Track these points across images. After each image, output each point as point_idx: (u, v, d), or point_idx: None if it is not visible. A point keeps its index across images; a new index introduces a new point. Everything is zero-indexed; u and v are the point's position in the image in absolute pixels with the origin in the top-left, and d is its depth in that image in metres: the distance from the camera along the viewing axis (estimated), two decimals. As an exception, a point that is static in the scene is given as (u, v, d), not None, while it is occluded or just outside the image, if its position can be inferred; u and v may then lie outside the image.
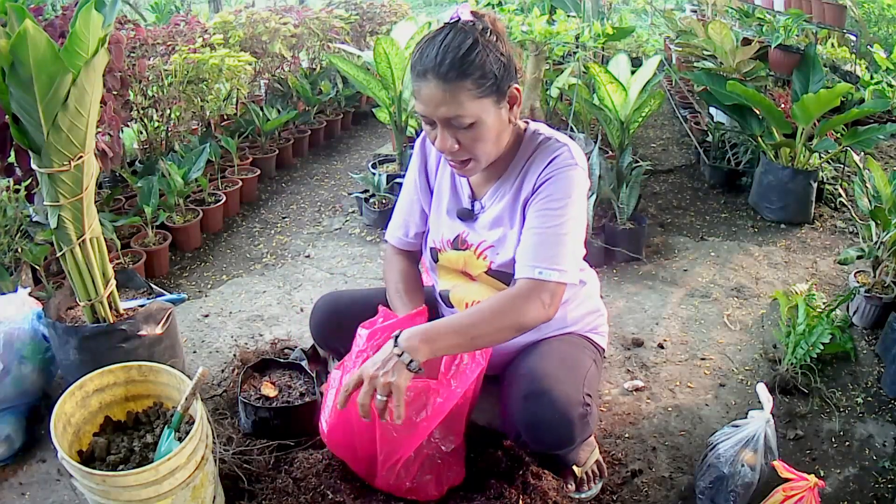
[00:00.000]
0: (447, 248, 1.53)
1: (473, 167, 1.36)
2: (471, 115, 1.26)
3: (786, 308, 2.17)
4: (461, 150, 1.31)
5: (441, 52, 1.23)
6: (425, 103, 1.27)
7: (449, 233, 1.52)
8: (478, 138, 1.29)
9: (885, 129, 3.06)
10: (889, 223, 2.31)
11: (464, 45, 1.23)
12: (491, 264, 1.47)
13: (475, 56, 1.23)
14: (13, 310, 1.86)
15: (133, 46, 3.09)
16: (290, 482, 1.55)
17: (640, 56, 5.45)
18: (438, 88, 1.24)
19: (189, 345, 2.31)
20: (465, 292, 1.55)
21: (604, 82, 2.84)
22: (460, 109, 1.24)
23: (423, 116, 1.30)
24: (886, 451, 1.83)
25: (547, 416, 1.35)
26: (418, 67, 1.27)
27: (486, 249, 1.47)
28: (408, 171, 1.62)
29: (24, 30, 1.34)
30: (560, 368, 1.44)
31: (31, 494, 1.69)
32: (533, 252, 1.34)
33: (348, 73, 3.31)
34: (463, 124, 1.27)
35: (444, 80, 1.23)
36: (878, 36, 5.73)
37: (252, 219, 3.41)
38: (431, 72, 1.24)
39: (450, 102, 1.24)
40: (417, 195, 1.60)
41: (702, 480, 1.63)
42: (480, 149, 1.31)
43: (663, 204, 3.53)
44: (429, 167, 1.58)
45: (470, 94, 1.24)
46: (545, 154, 1.40)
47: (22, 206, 2.20)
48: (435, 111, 1.26)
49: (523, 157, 1.43)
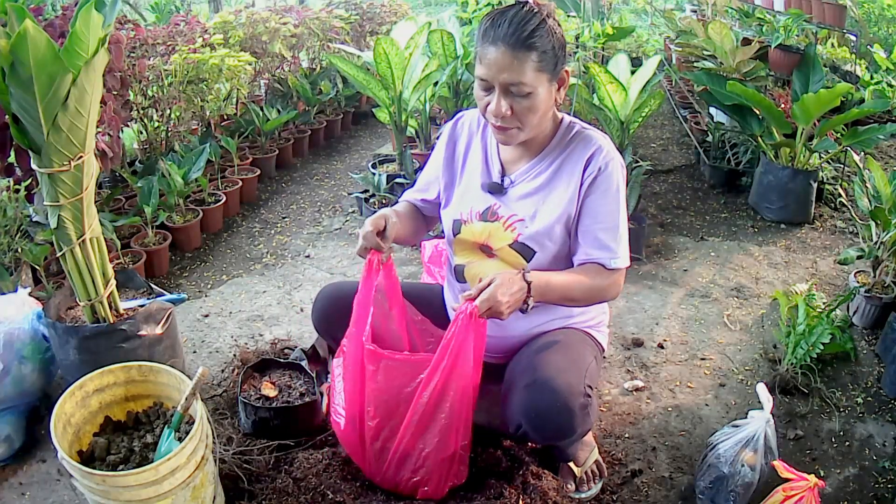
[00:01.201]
0: (475, 219, 1.58)
1: (516, 135, 1.44)
2: (530, 84, 1.36)
3: (786, 308, 2.17)
4: (512, 117, 1.40)
5: (514, 23, 1.35)
6: (490, 67, 1.36)
7: (480, 205, 1.58)
8: (531, 108, 1.39)
9: (885, 129, 3.06)
10: (889, 223, 2.31)
11: (532, 22, 1.35)
12: (518, 236, 1.53)
13: (542, 33, 1.36)
14: (13, 310, 1.86)
15: (133, 46, 3.09)
16: (290, 482, 1.55)
17: (640, 56, 5.46)
18: (506, 55, 1.34)
19: (189, 345, 2.31)
20: (481, 268, 1.60)
21: (604, 82, 2.84)
22: (522, 76, 1.35)
23: (482, 80, 1.40)
24: (886, 451, 1.83)
25: (549, 404, 1.38)
26: (490, 34, 1.37)
27: (517, 222, 1.53)
28: (434, 151, 1.71)
29: (24, 30, 1.34)
30: (562, 360, 1.47)
31: (31, 494, 1.69)
32: (603, 243, 1.49)
33: (348, 73, 3.31)
34: (522, 92, 1.37)
35: (514, 49, 1.34)
36: (878, 36, 5.73)
37: (252, 219, 3.41)
38: (502, 40, 1.34)
39: (515, 69, 1.34)
40: (440, 171, 1.67)
41: (702, 480, 1.63)
42: (530, 118, 1.41)
43: (663, 204, 3.53)
44: (457, 151, 1.65)
45: (533, 66, 1.35)
46: (586, 145, 1.50)
47: (22, 206, 2.20)
48: (498, 75, 1.36)
49: (561, 143, 1.53)
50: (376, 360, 1.43)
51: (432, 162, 1.71)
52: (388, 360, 1.43)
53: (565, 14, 4.60)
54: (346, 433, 1.55)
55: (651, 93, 2.93)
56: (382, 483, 1.55)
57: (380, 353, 1.43)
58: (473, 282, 1.59)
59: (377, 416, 1.47)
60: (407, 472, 1.49)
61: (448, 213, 1.63)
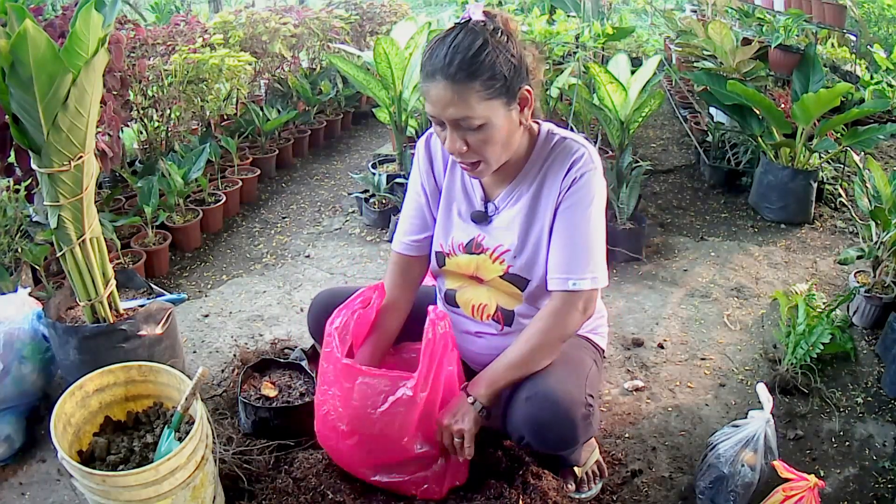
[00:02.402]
0: (458, 252, 1.50)
1: (484, 169, 1.35)
2: (480, 116, 1.25)
3: (786, 308, 2.17)
4: (470, 152, 1.31)
5: (450, 52, 1.23)
6: (434, 104, 1.27)
7: (463, 236, 1.49)
8: (487, 140, 1.29)
9: (885, 129, 3.06)
10: (889, 223, 2.31)
11: (473, 46, 1.23)
12: (508, 268, 1.45)
13: (484, 57, 1.23)
14: (13, 310, 1.86)
15: (133, 46, 3.09)
16: (290, 482, 1.55)
17: (640, 56, 5.46)
18: (447, 89, 1.23)
19: (189, 345, 2.31)
20: (474, 294, 1.53)
21: (604, 82, 2.84)
22: (469, 111, 1.24)
23: (432, 117, 1.30)
24: (886, 451, 1.83)
25: (550, 416, 1.35)
26: (427, 68, 1.27)
27: (504, 254, 1.45)
28: (411, 177, 1.59)
29: (24, 30, 1.34)
30: (562, 369, 1.44)
31: (31, 494, 1.69)
32: (565, 264, 1.38)
33: (348, 73, 3.31)
34: (472, 126, 1.26)
35: (453, 81, 1.22)
36: (878, 36, 5.73)
37: (252, 219, 3.41)
38: (440, 72, 1.24)
39: (458, 103, 1.24)
40: (425, 198, 1.56)
41: (702, 480, 1.63)
42: (490, 151, 1.31)
43: (663, 204, 3.53)
44: (436, 169, 1.55)
45: (479, 96, 1.24)
46: (564, 157, 1.40)
47: (22, 206, 2.20)
48: (443, 112, 1.26)
49: (539, 158, 1.43)
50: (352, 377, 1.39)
51: (413, 194, 1.57)
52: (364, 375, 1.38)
53: (565, 14, 4.60)
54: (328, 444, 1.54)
55: (651, 93, 2.93)
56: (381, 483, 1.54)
57: (355, 370, 1.38)
58: (466, 307, 1.55)
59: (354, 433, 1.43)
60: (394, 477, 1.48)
61: (432, 245, 1.55)
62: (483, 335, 1.56)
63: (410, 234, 1.56)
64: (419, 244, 1.56)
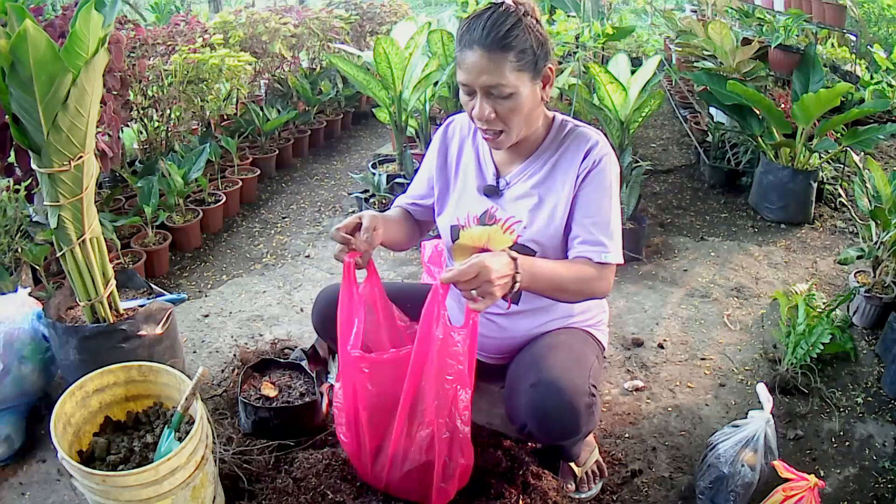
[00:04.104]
0: (472, 223, 1.57)
1: (504, 139, 1.44)
2: (510, 85, 1.36)
3: (786, 308, 2.17)
4: (496, 120, 1.40)
5: (488, 26, 1.35)
6: (468, 71, 1.37)
7: (477, 208, 1.57)
8: (514, 109, 1.39)
9: (885, 129, 3.06)
10: (889, 223, 2.31)
11: (507, 23, 1.36)
12: (518, 238, 1.52)
13: (518, 32, 1.35)
14: (13, 310, 1.86)
15: (133, 46, 3.09)
16: (290, 482, 1.55)
17: (640, 56, 5.46)
18: (483, 58, 1.34)
19: (189, 345, 2.31)
20: None
21: (604, 82, 2.84)
22: (501, 78, 1.35)
23: (464, 85, 1.40)
24: (886, 451, 1.83)
25: (555, 404, 1.37)
26: (466, 38, 1.38)
27: (514, 224, 1.52)
28: (425, 157, 1.70)
29: (24, 30, 1.34)
30: (566, 359, 1.47)
31: (31, 494, 1.69)
32: (593, 238, 1.47)
33: (348, 73, 3.31)
34: (502, 93, 1.36)
35: (489, 51, 1.34)
36: (878, 36, 5.73)
37: (252, 219, 3.41)
38: (477, 42, 1.35)
39: (492, 71, 1.34)
40: (435, 171, 1.66)
41: (702, 480, 1.63)
42: (514, 120, 1.41)
43: (663, 204, 3.53)
44: (449, 156, 1.65)
45: (511, 66, 1.35)
46: (580, 142, 1.50)
47: (22, 206, 2.20)
48: (477, 79, 1.36)
49: (554, 141, 1.53)
50: (364, 365, 1.40)
51: (424, 167, 1.70)
52: (375, 363, 1.40)
53: (565, 14, 4.59)
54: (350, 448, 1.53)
55: (651, 93, 2.93)
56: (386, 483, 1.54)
57: (365, 358, 1.40)
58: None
59: (375, 422, 1.44)
60: (395, 472, 1.47)
61: (444, 219, 1.62)
62: (489, 316, 1.58)
63: (413, 196, 1.71)
64: (419, 209, 1.70)
